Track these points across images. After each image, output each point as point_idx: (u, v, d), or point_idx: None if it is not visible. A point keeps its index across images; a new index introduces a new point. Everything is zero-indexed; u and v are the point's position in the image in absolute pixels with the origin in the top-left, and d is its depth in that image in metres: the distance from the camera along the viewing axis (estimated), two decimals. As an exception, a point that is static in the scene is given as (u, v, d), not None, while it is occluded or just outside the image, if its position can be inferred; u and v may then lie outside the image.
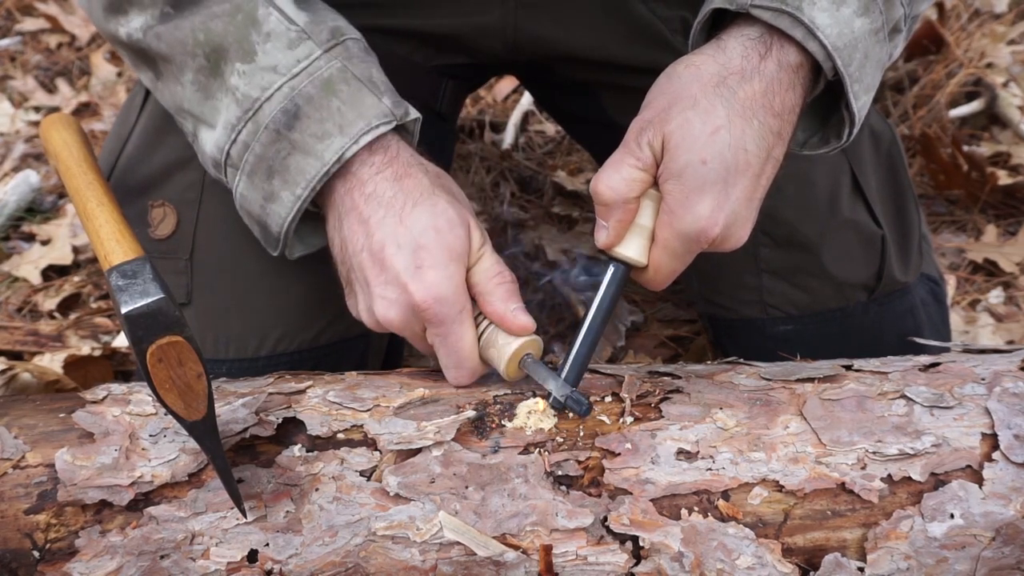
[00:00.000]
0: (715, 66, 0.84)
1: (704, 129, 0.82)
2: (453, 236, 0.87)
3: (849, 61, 0.84)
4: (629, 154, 0.85)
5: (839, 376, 0.93)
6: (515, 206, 1.90)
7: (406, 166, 0.90)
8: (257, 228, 0.97)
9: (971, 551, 0.84)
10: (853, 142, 1.14)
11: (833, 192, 1.17)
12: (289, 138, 0.89)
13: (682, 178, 0.83)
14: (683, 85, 0.85)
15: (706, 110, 0.82)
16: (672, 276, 0.89)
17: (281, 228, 0.92)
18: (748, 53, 0.84)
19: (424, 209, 0.87)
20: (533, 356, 0.90)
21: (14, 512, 0.86)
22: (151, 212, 1.11)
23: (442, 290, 0.86)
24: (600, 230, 0.88)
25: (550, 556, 0.84)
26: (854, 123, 0.90)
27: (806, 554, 0.85)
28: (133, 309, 0.77)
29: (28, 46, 2.48)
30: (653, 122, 0.84)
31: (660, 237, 0.86)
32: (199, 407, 0.81)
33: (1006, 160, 1.94)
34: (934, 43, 2.10)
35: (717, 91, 0.83)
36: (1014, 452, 0.85)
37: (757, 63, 0.84)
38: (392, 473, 0.86)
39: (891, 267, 1.17)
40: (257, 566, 0.86)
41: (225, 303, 1.09)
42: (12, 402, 0.96)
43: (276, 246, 0.95)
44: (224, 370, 1.07)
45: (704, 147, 0.82)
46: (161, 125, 1.13)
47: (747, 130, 0.83)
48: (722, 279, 1.25)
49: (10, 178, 1.98)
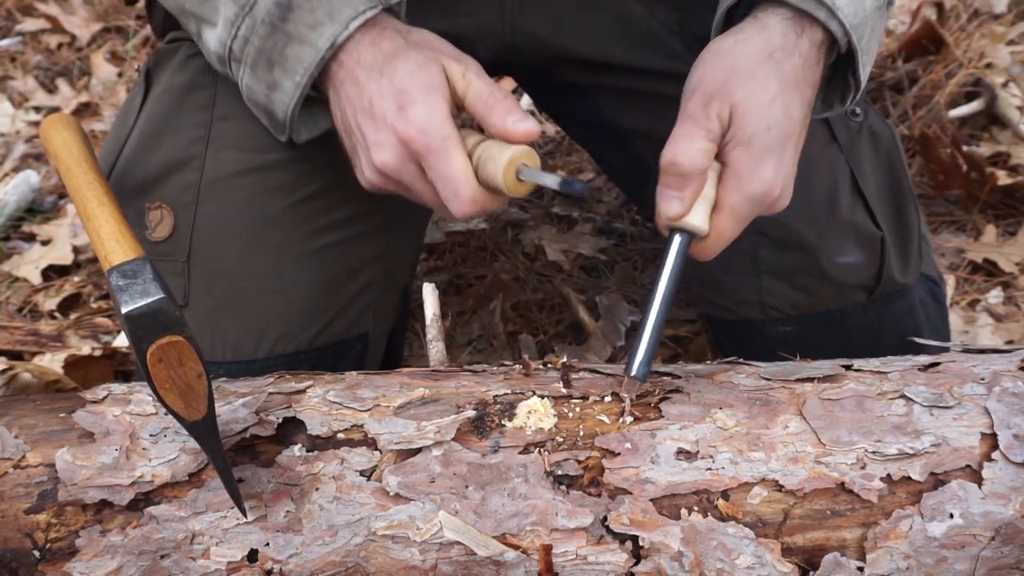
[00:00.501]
0: (760, 42, 0.91)
1: (765, 98, 0.89)
2: (427, 74, 0.92)
3: (861, 36, 0.93)
4: (699, 126, 0.89)
5: (839, 376, 0.93)
6: (515, 206, 1.90)
7: (389, 36, 0.95)
8: (264, 116, 1.02)
9: (970, 551, 0.84)
10: (852, 143, 1.15)
11: (832, 193, 1.17)
12: (284, 29, 0.93)
13: (751, 144, 0.89)
14: (736, 59, 0.91)
15: (762, 81, 0.89)
16: (729, 243, 0.93)
17: (285, 114, 0.98)
18: (787, 32, 0.91)
19: (399, 61, 0.93)
20: (529, 165, 0.88)
21: (14, 512, 0.86)
22: (148, 214, 1.11)
23: (424, 121, 0.90)
24: (672, 200, 0.90)
25: (550, 556, 0.84)
26: (859, 89, 0.98)
27: (806, 554, 0.85)
28: (133, 309, 0.77)
29: (28, 46, 2.48)
30: (717, 94, 0.89)
31: (727, 203, 0.90)
32: (199, 407, 0.81)
33: (1006, 160, 1.94)
34: (934, 43, 2.10)
35: (767, 64, 0.90)
36: (1013, 452, 0.85)
37: (795, 41, 0.91)
38: (392, 473, 0.86)
39: (891, 268, 1.17)
40: (257, 566, 0.86)
41: (222, 305, 1.09)
42: (12, 402, 0.96)
43: (284, 131, 1.01)
44: (222, 372, 1.07)
45: (767, 115, 0.89)
46: (159, 127, 1.13)
47: (792, 100, 0.91)
48: (722, 280, 1.25)
49: (10, 178, 1.98)
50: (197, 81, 1.14)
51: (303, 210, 1.10)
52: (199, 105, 1.13)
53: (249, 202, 1.09)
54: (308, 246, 1.10)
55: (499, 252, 1.78)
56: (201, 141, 1.11)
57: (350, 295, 1.14)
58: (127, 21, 2.52)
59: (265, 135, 1.08)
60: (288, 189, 1.10)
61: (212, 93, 1.13)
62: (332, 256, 1.12)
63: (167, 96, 1.15)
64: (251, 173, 1.10)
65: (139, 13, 2.54)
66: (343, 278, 1.13)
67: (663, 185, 0.90)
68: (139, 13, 2.54)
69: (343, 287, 1.13)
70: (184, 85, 1.14)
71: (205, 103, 1.13)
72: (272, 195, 1.10)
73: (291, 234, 1.10)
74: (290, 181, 1.10)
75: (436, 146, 0.90)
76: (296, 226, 1.10)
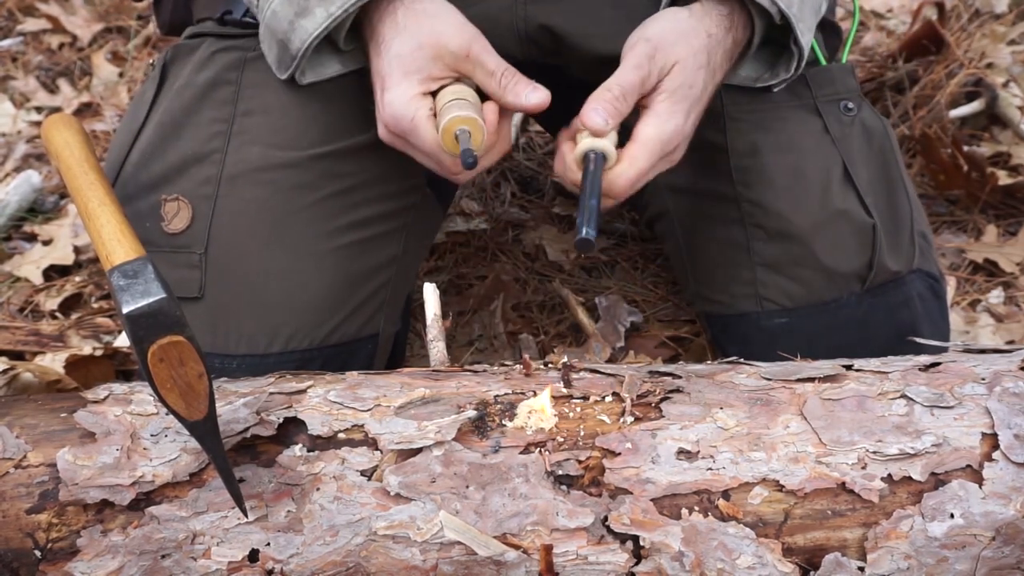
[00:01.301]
0: (703, 27, 1.05)
1: (695, 64, 1.03)
2: (411, 58, 1.00)
3: (790, 4, 1.06)
4: (639, 68, 1.01)
5: (839, 376, 0.93)
6: (516, 206, 1.90)
7: (405, 6, 1.02)
8: (275, 48, 1.08)
9: (971, 551, 0.84)
10: (844, 136, 1.19)
11: (824, 183, 1.18)
12: None
13: (674, 94, 1.02)
14: (686, 29, 1.04)
15: (697, 52, 1.03)
16: (638, 179, 1.01)
17: (304, 42, 1.03)
18: (721, 23, 1.06)
19: (393, 42, 1.01)
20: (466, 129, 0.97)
21: (16, 512, 0.86)
22: (164, 206, 1.11)
23: (393, 107, 1.00)
24: (597, 115, 0.99)
25: (550, 556, 0.84)
26: (802, 57, 1.12)
27: (806, 554, 0.85)
28: (134, 309, 0.77)
29: (29, 46, 2.48)
30: (664, 49, 1.02)
31: (643, 136, 1.01)
32: (200, 407, 0.81)
33: (1006, 160, 1.94)
34: (934, 43, 2.10)
35: (705, 42, 1.04)
36: (1014, 452, 0.85)
37: (723, 36, 1.06)
38: (393, 473, 0.86)
39: (882, 255, 1.18)
40: (258, 566, 0.86)
41: (238, 299, 1.09)
42: (14, 402, 0.96)
43: (290, 65, 1.07)
44: (235, 366, 1.08)
45: (693, 77, 1.03)
46: (179, 119, 1.14)
47: (710, 78, 1.05)
48: (717, 274, 1.26)
49: (12, 178, 1.97)
50: (221, 77, 1.15)
51: (324, 209, 1.11)
52: (222, 100, 1.14)
53: (270, 198, 1.10)
54: (327, 244, 1.11)
55: (500, 252, 1.78)
56: (222, 135, 1.12)
57: (365, 295, 1.15)
58: (128, 21, 2.52)
59: (289, 133, 1.10)
60: (310, 187, 1.11)
61: (236, 89, 1.14)
62: (350, 256, 1.12)
63: (189, 90, 1.15)
64: (273, 169, 1.11)
65: (140, 13, 2.54)
66: (360, 278, 1.14)
67: (594, 100, 1.00)
68: (140, 13, 2.54)
69: (359, 287, 1.14)
70: (208, 81, 1.15)
71: (228, 98, 1.13)
72: (293, 192, 1.10)
73: (310, 232, 1.10)
74: (312, 180, 1.11)
75: (406, 127, 1.00)
76: (316, 224, 1.11)
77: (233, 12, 1.20)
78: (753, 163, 1.19)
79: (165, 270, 1.09)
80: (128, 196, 1.12)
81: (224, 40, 1.18)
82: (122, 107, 2.23)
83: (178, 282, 1.08)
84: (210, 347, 1.08)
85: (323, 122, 1.12)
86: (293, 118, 1.12)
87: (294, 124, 1.12)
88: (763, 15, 1.07)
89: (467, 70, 1.01)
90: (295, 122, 1.12)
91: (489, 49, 1.02)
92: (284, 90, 1.12)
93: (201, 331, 1.08)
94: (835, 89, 1.24)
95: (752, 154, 1.19)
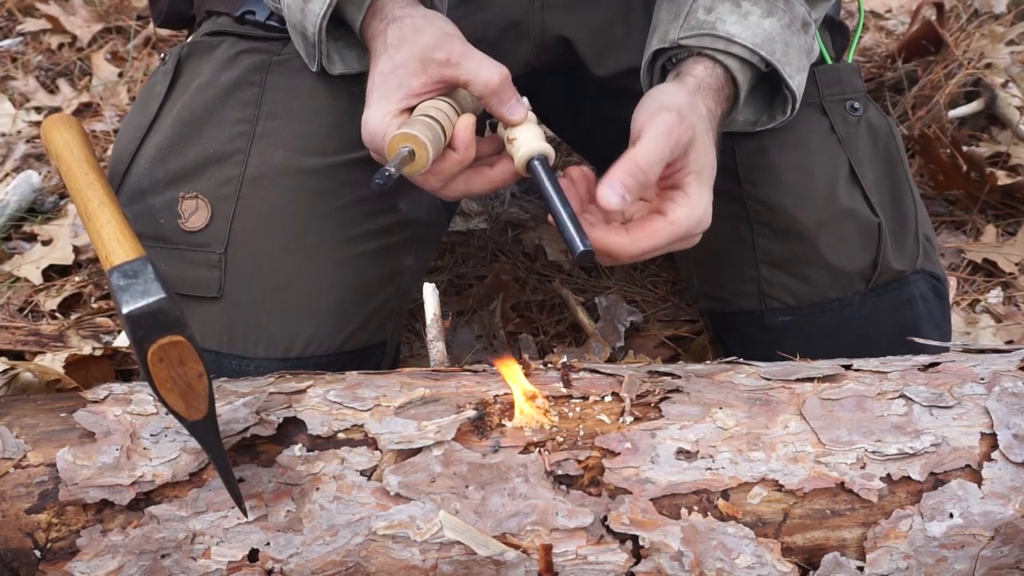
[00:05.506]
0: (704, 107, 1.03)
1: (709, 143, 1.00)
2: (393, 75, 0.98)
3: (772, 51, 1.06)
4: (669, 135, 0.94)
5: (839, 376, 0.93)
6: (515, 206, 1.90)
7: (398, 18, 1.01)
8: (300, 41, 1.09)
9: (970, 550, 0.84)
10: (851, 136, 1.19)
11: (830, 182, 1.18)
12: None
13: (702, 175, 0.98)
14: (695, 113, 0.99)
15: (706, 130, 1.00)
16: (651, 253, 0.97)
17: (315, 25, 1.04)
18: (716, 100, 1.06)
19: (380, 59, 1.00)
20: (410, 145, 0.94)
21: (15, 511, 0.86)
22: (182, 203, 1.11)
23: (368, 125, 0.99)
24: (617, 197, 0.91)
25: (550, 555, 0.84)
26: (796, 99, 1.12)
27: (805, 553, 0.85)
28: (134, 309, 0.77)
29: (29, 47, 2.48)
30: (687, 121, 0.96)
31: (676, 217, 0.96)
32: (200, 407, 0.81)
33: (1005, 160, 1.94)
34: (933, 44, 2.10)
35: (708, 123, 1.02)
36: (1013, 452, 0.85)
37: (717, 111, 1.05)
38: (392, 472, 0.86)
39: (887, 254, 1.18)
40: (258, 565, 0.86)
41: (259, 300, 1.09)
42: (13, 402, 0.96)
43: (315, 55, 1.08)
44: (252, 368, 1.07)
45: (711, 158, 0.99)
46: (200, 116, 1.14)
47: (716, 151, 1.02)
48: (721, 272, 1.26)
49: (11, 178, 1.98)
50: (245, 78, 1.15)
51: (345, 216, 1.11)
52: (245, 101, 1.14)
53: (293, 202, 1.10)
54: (347, 252, 1.11)
55: (499, 252, 1.78)
56: (245, 136, 1.12)
57: (378, 303, 1.15)
58: (128, 21, 2.52)
59: (313, 139, 1.10)
60: (332, 194, 1.11)
61: (260, 91, 1.14)
62: (367, 264, 1.13)
63: (211, 89, 1.15)
64: (297, 174, 1.11)
65: (140, 13, 2.54)
66: (375, 286, 1.14)
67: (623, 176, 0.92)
68: (140, 13, 2.54)
69: (374, 295, 1.14)
70: (232, 81, 1.15)
71: (252, 100, 1.13)
72: (316, 198, 1.10)
73: (332, 239, 1.10)
74: (334, 187, 1.11)
75: (379, 145, 0.98)
76: (337, 231, 1.11)
77: (256, 14, 1.20)
78: (759, 161, 1.19)
79: (180, 267, 1.09)
80: (142, 191, 1.12)
81: (248, 41, 1.18)
82: (122, 107, 2.23)
83: (195, 281, 1.08)
84: (228, 347, 1.08)
85: (347, 130, 1.11)
86: (318, 124, 1.12)
87: (319, 130, 1.12)
88: (745, 66, 1.07)
89: (452, 76, 0.97)
90: (320, 128, 1.12)
91: (472, 53, 0.97)
92: (308, 95, 1.13)
93: (218, 331, 1.08)
94: (842, 89, 1.24)
95: (759, 152, 1.19)
